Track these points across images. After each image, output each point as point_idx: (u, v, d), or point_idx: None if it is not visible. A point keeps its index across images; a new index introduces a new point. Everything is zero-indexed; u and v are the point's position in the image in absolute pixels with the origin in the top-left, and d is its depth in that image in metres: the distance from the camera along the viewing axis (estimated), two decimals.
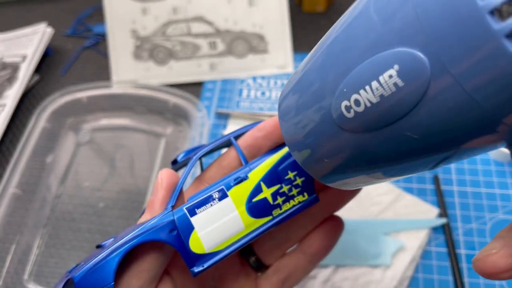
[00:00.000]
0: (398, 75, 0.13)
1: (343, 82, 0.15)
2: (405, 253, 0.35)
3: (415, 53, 0.13)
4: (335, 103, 0.15)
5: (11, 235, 0.39)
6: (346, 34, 0.15)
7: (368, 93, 0.14)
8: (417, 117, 0.13)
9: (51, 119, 0.45)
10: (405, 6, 0.13)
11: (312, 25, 0.53)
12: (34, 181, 0.42)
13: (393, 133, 0.14)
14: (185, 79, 0.49)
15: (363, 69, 0.14)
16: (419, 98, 0.13)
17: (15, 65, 0.51)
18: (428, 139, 0.14)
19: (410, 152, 0.15)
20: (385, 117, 0.14)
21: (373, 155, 0.16)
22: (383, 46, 0.13)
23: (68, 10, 0.57)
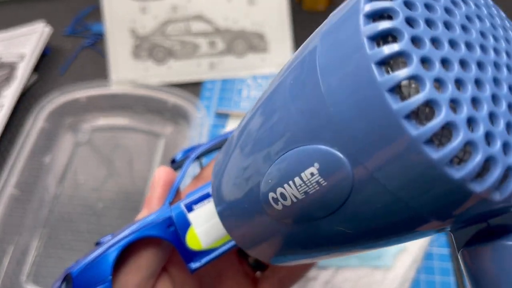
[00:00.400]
0: (319, 174, 0.12)
1: (266, 173, 0.14)
2: (406, 254, 0.35)
3: (333, 152, 0.12)
4: (262, 194, 0.15)
5: (9, 235, 0.39)
6: (267, 119, 0.15)
7: (293, 189, 0.13)
8: (346, 214, 0.13)
9: (49, 119, 0.45)
10: (319, 100, 0.12)
11: (313, 23, 0.52)
12: (33, 181, 0.42)
13: (325, 227, 0.14)
14: (184, 78, 0.49)
15: (286, 161, 0.14)
16: (345, 196, 0.12)
17: (13, 64, 0.50)
18: (361, 233, 0.14)
19: (345, 241, 0.15)
20: (314, 213, 0.14)
21: (309, 244, 0.16)
22: (302, 141, 0.13)
23: (67, 9, 0.57)
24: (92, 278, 0.20)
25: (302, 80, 0.13)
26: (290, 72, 0.14)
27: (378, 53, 0.11)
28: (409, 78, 0.10)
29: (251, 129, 0.16)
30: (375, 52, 0.11)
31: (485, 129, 0.11)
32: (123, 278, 0.21)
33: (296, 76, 0.13)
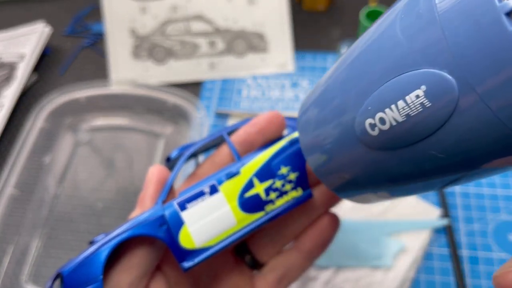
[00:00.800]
0: (425, 96, 0.13)
1: (368, 100, 0.15)
2: (406, 254, 0.35)
3: (442, 75, 0.13)
4: (358, 120, 0.15)
5: (9, 235, 0.39)
6: (372, 51, 0.15)
7: (394, 112, 0.14)
8: (443, 137, 0.13)
9: (49, 119, 0.45)
10: (433, 27, 0.13)
11: (313, 23, 0.53)
12: (32, 181, 0.42)
13: (418, 151, 0.14)
14: (184, 78, 0.49)
15: (389, 87, 0.14)
16: (445, 118, 0.13)
17: (13, 64, 0.50)
18: (453, 158, 0.14)
19: (434, 170, 0.15)
20: (411, 136, 0.14)
21: (395, 173, 0.16)
22: (410, 66, 0.13)
23: (67, 9, 0.57)
24: (83, 278, 0.19)
25: (414, 10, 0.14)
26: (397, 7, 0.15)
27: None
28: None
29: (354, 60, 0.16)
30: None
31: None
32: (116, 278, 0.20)
33: (407, 7, 0.14)
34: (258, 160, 0.22)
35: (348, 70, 0.16)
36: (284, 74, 0.49)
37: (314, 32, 0.52)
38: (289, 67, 0.49)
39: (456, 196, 0.38)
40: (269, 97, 0.47)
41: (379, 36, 0.15)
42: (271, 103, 0.46)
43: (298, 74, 0.48)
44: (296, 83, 0.48)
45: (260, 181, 0.22)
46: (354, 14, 0.52)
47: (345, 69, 0.16)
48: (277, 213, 0.22)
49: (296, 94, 0.47)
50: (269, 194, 0.22)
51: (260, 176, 0.22)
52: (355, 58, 0.16)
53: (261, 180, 0.22)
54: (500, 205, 0.38)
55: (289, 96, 0.47)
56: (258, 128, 0.23)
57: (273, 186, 0.22)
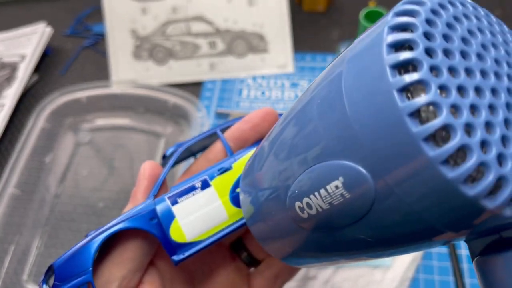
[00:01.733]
0: (343, 187, 0.14)
1: (293, 184, 0.15)
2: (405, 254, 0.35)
3: (357, 168, 0.13)
4: (289, 202, 0.16)
5: (10, 235, 0.39)
6: (295, 134, 0.16)
7: (318, 199, 0.14)
8: (367, 224, 0.14)
9: (50, 119, 0.45)
10: (344, 120, 0.13)
11: (312, 24, 0.53)
12: (33, 181, 0.42)
13: (346, 235, 0.15)
14: (184, 78, 0.49)
15: (311, 174, 0.15)
16: (367, 208, 0.13)
17: (14, 64, 0.50)
18: (380, 241, 0.15)
19: (365, 248, 0.15)
20: (337, 222, 0.15)
21: (331, 250, 0.17)
22: (329, 156, 0.14)
23: (67, 10, 0.57)
24: (73, 269, 0.20)
25: (329, 101, 0.14)
26: (318, 92, 0.15)
27: (400, 81, 0.12)
28: (428, 104, 0.11)
29: (281, 141, 0.17)
30: (396, 80, 0.12)
31: (497, 151, 0.12)
32: (107, 271, 0.21)
33: (323, 96, 0.14)
34: (250, 156, 0.22)
35: (276, 150, 0.17)
36: (284, 74, 0.49)
37: (314, 32, 0.52)
38: (289, 68, 0.49)
39: None
40: (269, 97, 0.47)
41: (301, 119, 0.15)
42: (271, 103, 0.47)
43: (297, 75, 0.49)
44: (296, 84, 0.48)
45: None
46: (354, 14, 0.53)
47: (274, 149, 0.17)
48: None
49: (296, 94, 0.47)
50: None
51: None
52: (281, 141, 0.17)
53: None
54: None
55: (289, 96, 0.47)
56: (251, 125, 0.23)
57: None
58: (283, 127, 0.17)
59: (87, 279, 0.20)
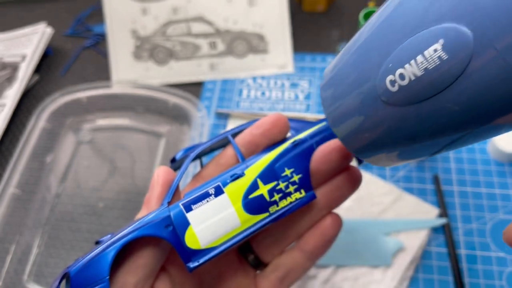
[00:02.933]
0: (442, 49, 0.14)
1: (389, 58, 0.16)
2: (405, 253, 0.35)
3: (460, 28, 0.14)
4: (380, 78, 0.16)
5: (10, 235, 0.39)
6: (393, 13, 0.16)
7: (413, 67, 0.15)
8: (459, 89, 0.14)
9: (51, 119, 0.45)
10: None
11: (313, 24, 0.53)
12: (34, 181, 0.42)
13: (435, 105, 0.15)
14: (185, 79, 0.49)
15: (409, 44, 0.15)
16: (461, 70, 0.14)
17: (15, 65, 0.51)
18: (468, 111, 0.15)
19: (449, 124, 0.16)
20: (428, 89, 0.15)
21: (414, 128, 0.17)
22: (429, 23, 0.14)
23: (68, 10, 0.57)
24: (90, 278, 0.20)
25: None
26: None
27: None
28: None
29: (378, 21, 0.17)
30: None
31: None
32: (122, 278, 0.21)
33: None
34: (262, 162, 0.23)
35: (373, 32, 0.17)
36: (284, 74, 0.49)
37: (314, 33, 0.52)
38: (289, 68, 0.49)
39: (454, 195, 0.39)
40: (269, 97, 0.47)
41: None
42: (271, 103, 0.47)
43: (297, 75, 0.49)
44: (296, 84, 0.48)
45: (264, 183, 0.22)
46: (353, 15, 0.53)
47: (371, 31, 0.17)
48: (281, 214, 0.22)
49: (296, 94, 0.47)
50: (273, 196, 0.22)
51: (264, 178, 0.22)
52: (380, 20, 0.17)
53: (265, 182, 0.22)
54: (498, 204, 0.38)
55: (289, 97, 0.47)
56: (262, 130, 0.23)
57: (277, 188, 0.22)
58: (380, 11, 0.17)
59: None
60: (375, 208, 0.38)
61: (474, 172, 0.40)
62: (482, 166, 0.40)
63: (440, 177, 0.40)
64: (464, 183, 0.39)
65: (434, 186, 0.39)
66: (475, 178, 0.40)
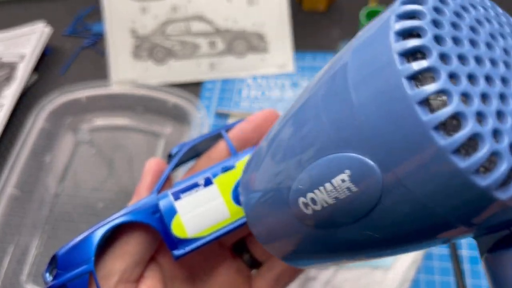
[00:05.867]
0: (350, 180, 0.13)
1: (297, 178, 0.15)
2: (406, 254, 0.35)
3: (364, 160, 0.13)
4: (292, 198, 0.16)
5: (9, 235, 0.39)
6: (299, 129, 0.15)
7: (323, 194, 0.14)
8: (375, 220, 0.13)
9: (49, 118, 0.45)
10: (351, 111, 0.13)
11: (313, 24, 0.53)
12: (33, 181, 0.42)
13: (353, 231, 0.15)
14: (184, 78, 0.49)
15: (316, 168, 0.14)
16: (374, 202, 0.13)
17: (13, 64, 0.50)
18: (387, 238, 0.14)
19: (371, 246, 0.15)
20: (343, 218, 0.14)
21: (333, 247, 0.16)
22: (334, 149, 0.13)
23: (67, 9, 0.57)
24: (76, 259, 0.20)
25: (334, 93, 0.14)
26: (321, 84, 0.15)
27: (408, 68, 0.11)
28: (438, 92, 0.11)
29: (283, 137, 0.16)
30: (405, 68, 0.11)
31: (510, 140, 0.11)
32: (109, 264, 0.21)
33: (328, 88, 0.14)
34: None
35: (277, 147, 0.16)
36: (284, 74, 0.49)
37: (314, 32, 0.52)
38: (289, 68, 0.49)
39: None
40: (269, 97, 0.47)
41: (305, 114, 0.15)
42: (271, 103, 0.47)
43: (298, 74, 0.48)
44: (296, 83, 0.48)
45: None
46: (354, 14, 0.52)
47: (275, 146, 0.17)
48: None
49: (296, 94, 0.47)
50: None
51: None
52: (284, 137, 0.16)
53: None
54: None
55: (289, 96, 0.47)
56: (253, 126, 0.24)
57: None
58: (284, 124, 0.17)
59: (89, 268, 0.20)
60: None
61: None
62: None
63: None
64: None
65: None
66: None
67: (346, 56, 0.14)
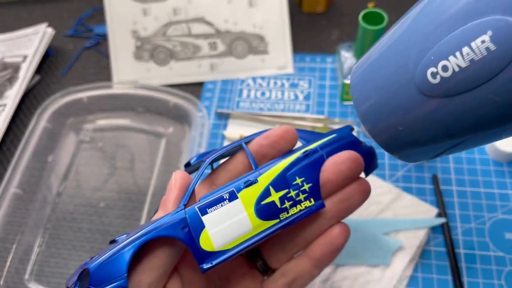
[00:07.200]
0: (491, 40, 0.14)
1: (431, 50, 0.16)
2: (404, 253, 0.36)
3: (509, 20, 0.14)
4: (420, 71, 0.16)
5: (12, 235, 0.40)
6: (437, 4, 0.16)
7: (458, 59, 0.15)
8: (503, 80, 0.14)
9: (52, 119, 0.46)
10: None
11: (312, 25, 0.53)
12: (35, 181, 0.43)
13: (476, 96, 0.15)
14: (185, 79, 0.50)
15: (454, 36, 0.15)
16: (508, 60, 0.14)
17: (16, 65, 0.51)
18: (508, 103, 0.15)
19: (487, 117, 0.16)
20: (472, 80, 0.15)
21: (452, 121, 0.17)
22: (477, 15, 0.14)
23: (69, 11, 0.57)
24: (109, 274, 0.21)
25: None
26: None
27: None
28: None
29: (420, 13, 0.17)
30: None
31: None
32: (137, 277, 0.21)
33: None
34: (274, 170, 0.23)
35: (409, 27, 0.17)
36: (284, 75, 0.49)
37: (313, 33, 0.52)
38: (289, 69, 0.49)
39: (453, 195, 0.39)
40: (269, 97, 0.47)
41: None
42: (271, 103, 0.47)
43: (297, 75, 0.49)
44: (296, 84, 0.48)
45: (275, 190, 0.23)
46: (353, 16, 0.53)
47: (406, 27, 0.17)
48: (291, 221, 0.23)
49: (295, 94, 0.47)
50: (284, 203, 0.23)
51: (276, 186, 0.23)
52: (416, 15, 0.17)
53: (277, 189, 0.23)
54: (496, 204, 0.38)
55: (289, 97, 0.47)
56: (270, 142, 0.24)
57: (288, 196, 0.23)
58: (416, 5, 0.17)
59: (122, 285, 0.20)
60: (374, 207, 0.38)
61: (473, 171, 0.40)
62: (481, 166, 0.41)
63: (439, 177, 0.40)
64: (463, 182, 0.40)
65: (433, 186, 0.40)
66: (474, 177, 0.40)
67: None
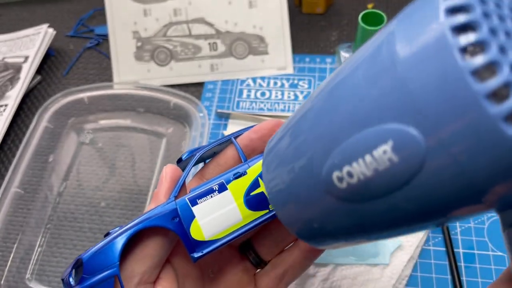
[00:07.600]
0: (392, 151, 0.13)
1: (334, 152, 0.15)
2: (403, 252, 0.36)
3: (409, 130, 0.13)
4: (325, 173, 0.15)
5: (13, 234, 0.40)
6: (337, 103, 0.15)
7: (361, 166, 0.14)
8: (411, 191, 0.14)
9: (53, 119, 0.46)
10: (396, 82, 0.13)
11: (312, 26, 0.53)
12: (36, 180, 0.43)
13: (386, 204, 0.15)
14: (186, 79, 0.50)
15: (356, 141, 0.14)
16: (413, 173, 0.13)
17: (17, 65, 0.51)
18: (420, 209, 0.14)
19: (400, 220, 0.15)
20: (379, 190, 0.14)
21: (363, 223, 0.16)
22: (376, 121, 0.14)
23: (70, 11, 0.58)
24: (101, 263, 0.21)
25: (378, 64, 0.14)
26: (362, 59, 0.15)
27: (460, 41, 0.12)
28: (489, 63, 0.12)
29: (317, 113, 0.16)
30: (457, 40, 0.12)
31: None
32: (130, 267, 0.22)
33: (370, 61, 0.14)
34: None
35: (315, 119, 0.16)
36: (284, 75, 0.49)
37: (313, 34, 0.52)
38: (289, 69, 0.49)
39: None
40: (269, 97, 0.48)
41: (344, 87, 0.15)
42: (271, 103, 0.47)
43: (297, 76, 0.49)
44: (295, 84, 0.48)
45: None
46: (352, 16, 0.53)
47: (312, 117, 0.16)
48: None
49: (295, 94, 0.48)
50: None
51: None
52: (321, 107, 0.16)
53: None
54: None
55: (288, 97, 0.48)
56: (260, 135, 0.25)
57: None
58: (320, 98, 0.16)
59: (114, 273, 0.21)
60: None
61: None
62: None
63: None
64: None
65: None
66: None
67: (390, 27, 0.14)
